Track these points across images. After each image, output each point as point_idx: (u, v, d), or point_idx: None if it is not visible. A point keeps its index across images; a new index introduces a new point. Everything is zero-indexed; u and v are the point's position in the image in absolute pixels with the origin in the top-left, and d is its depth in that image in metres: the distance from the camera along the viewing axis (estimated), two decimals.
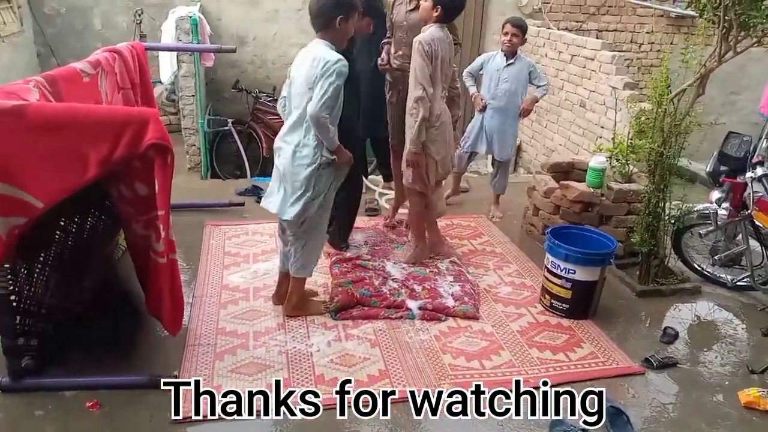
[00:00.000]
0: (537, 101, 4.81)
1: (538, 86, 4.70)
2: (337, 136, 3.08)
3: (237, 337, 3.21)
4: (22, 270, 2.79)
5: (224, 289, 3.69)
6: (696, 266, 4.10)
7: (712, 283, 4.02)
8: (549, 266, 3.55)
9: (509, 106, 4.69)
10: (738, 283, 3.70)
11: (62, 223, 3.13)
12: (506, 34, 4.56)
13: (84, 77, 3.22)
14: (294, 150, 3.10)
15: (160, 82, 6.59)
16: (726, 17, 3.44)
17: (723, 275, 3.94)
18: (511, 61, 4.63)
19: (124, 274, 3.69)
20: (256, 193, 5.22)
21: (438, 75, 3.62)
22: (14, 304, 2.71)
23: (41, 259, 2.96)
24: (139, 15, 6.00)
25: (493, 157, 5.00)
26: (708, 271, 4.06)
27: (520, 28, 4.53)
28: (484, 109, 4.71)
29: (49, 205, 2.46)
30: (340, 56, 2.97)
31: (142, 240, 2.88)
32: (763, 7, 3.29)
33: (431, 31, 3.60)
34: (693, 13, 4.16)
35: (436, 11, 3.58)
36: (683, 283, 3.94)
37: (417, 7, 3.99)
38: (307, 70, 2.99)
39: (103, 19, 7.08)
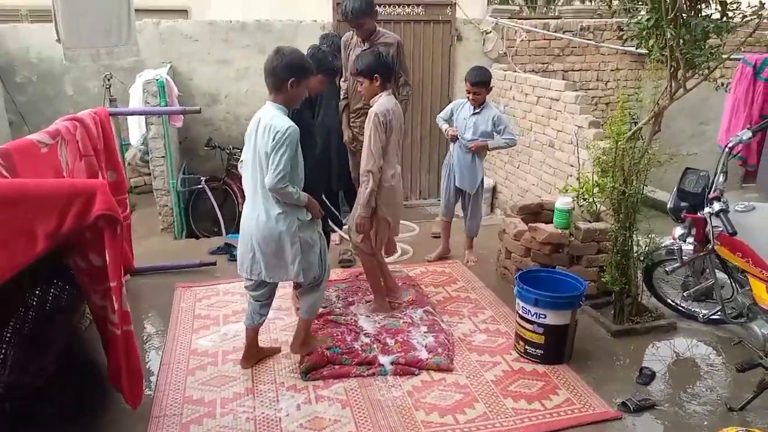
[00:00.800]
0: (487, 148, 4.82)
1: (503, 138, 4.75)
2: (300, 193, 3.11)
3: (204, 405, 3.12)
4: None
5: (192, 354, 3.61)
6: (670, 302, 4.09)
7: (687, 318, 4.00)
8: (520, 311, 3.52)
9: (474, 156, 4.75)
10: (712, 317, 3.68)
11: (21, 297, 3.07)
12: (468, 92, 4.66)
13: (42, 148, 3.21)
14: (265, 219, 3.12)
15: (130, 144, 6.60)
16: (673, 57, 3.52)
17: (697, 309, 3.91)
18: (478, 110, 4.70)
19: (90, 345, 3.61)
20: (229, 251, 5.18)
21: (393, 145, 3.73)
22: None
23: None
24: (108, 80, 6.04)
25: (463, 199, 4.99)
26: (682, 306, 4.04)
27: (480, 85, 4.60)
28: (454, 139, 4.77)
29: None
30: (290, 123, 2.99)
31: (100, 310, 2.83)
32: (705, 46, 3.38)
33: (383, 101, 3.67)
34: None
35: (377, 80, 3.65)
36: (658, 320, 3.91)
37: (371, 47, 4.10)
38: (259, 140, 3.05)
39: (75, 85, 7.14)
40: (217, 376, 3.37)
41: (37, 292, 3.26)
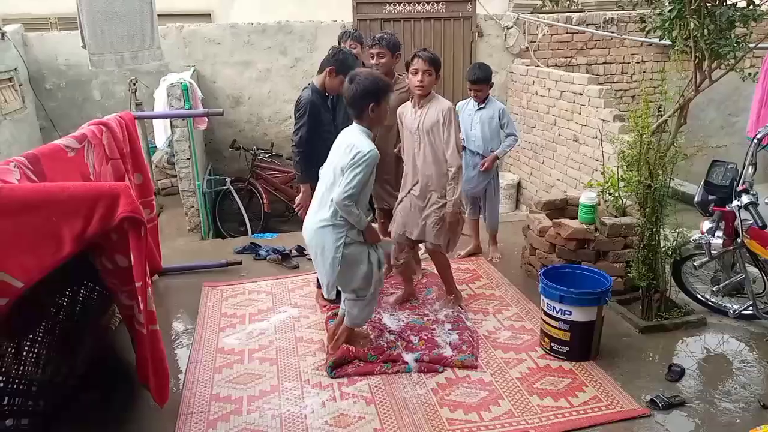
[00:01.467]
0: (497, 158, 4.81)
1: (507, 135, 4.73)
2: (362, 216, 3.17)
3: (230, 403, 3.15)
4: (10, 349, 2.80)
5: (219, 352, 3.66)
6: (699, 297, 4.01)
7: (718, 314, 3.92)
8: (545, 308, 3.49)
9: (484, 149, 4.73)
10: (743, 313, 3.59)
11: (52, 299, 3.15)
12: (470, 90, 4.67)
13: (69, 152, 3.29)
14: (315, 226, 3.22)
15: (157, 147, 6.71)
16: (697, 47, 3.45)
17: (728, 304, 3.83)
18: (482, 105, 4.69)
19: (120, 344, 3.68)
20: (254, 250, 5.24)
21: None
22: (1, 384, 2.70)
23: (31, 336, 2.97)
24: (134, 84, 6.16)
25: (481, 198, 4.97)
26: (712, 302, 3.96)
27: (478, 82, 4.60)
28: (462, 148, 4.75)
29: (29, 283, 2.46)
30: (372, 147, 3.07)
31: (127, 310, 2.88)
32: (731, 35, 3.30)
33: (441, 98, 3.75)
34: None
35: (438, 77, 3.71)
36: (687, 315, 3.84)
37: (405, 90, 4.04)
38: (341, 156, 3.12)
39: (102, 90, 7.29)
40: (243, 374, 3.41)
41: (67, 293, 3.34)
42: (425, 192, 3.79)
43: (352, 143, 3.10)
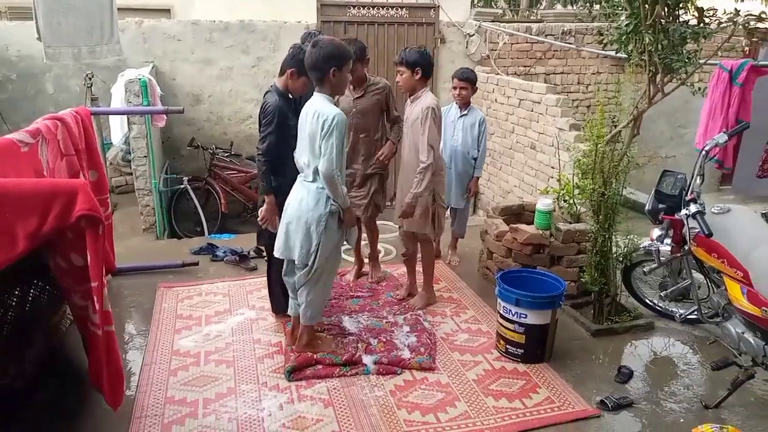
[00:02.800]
0: (478, 179, 5.01)
1: (480, 158, 4.86)
2: (345, 194, 3.20)
3: (186, 406, 3.11)
4: None
5: (175, 354, 3.60)
6: (648, 302, 4.16)
7: (665, 318, 4.07)
8: (501, 311, 3.56)
9: (464, 155, 4.80)
10: (688, 317, 3.75)
11: (0, 298, 3.05)
12: (455, 88, 4.70)
13: (22, 147, 3.18)
14: (302, 198, 3.23)
15: (112, 143, 6.55)
16: (651, 61, 3.59)
17: (674, 309, 3.99)
18: (465, 112, 4.77)
19: (71, 345, 3.59)
20: (212, 251, 5.17)
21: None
22: None
23: None
24: (90, 79, 5.98)
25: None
26: (660, 306, 4.11)
27: (468, 80, 4.67)
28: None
29: None
30: (337, 111, 3.09)
31: (81, 311, 2.81)
32: (683, 51, 3.45)
33: (430, 97, 3.84)
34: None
35: (417, 73, 3.80)
36: (636, 319, 3.98)
37: (363, 95, 4.12)
38: (311, 125, 3.14)
39: (56, 84, 7.07)
40: (199, 377, 3.37)
41: (16, 292, 3.24)
42: (411, 183, 3.91)
43: (317, 111, 3.11)
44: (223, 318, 4.03)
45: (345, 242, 3.46)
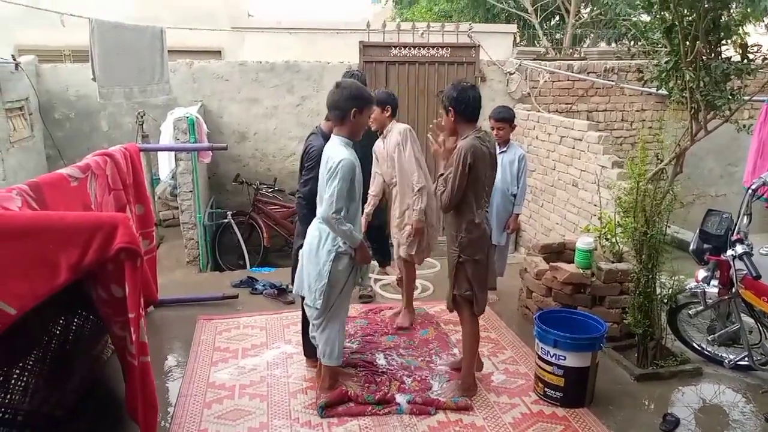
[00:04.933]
0: (518, 216, 4.96)
1: (520, 196, 4.84)
2: (354, 233, 3.17)
3: None
4: None
5: (210, 387, 3.63)
6: (695, 345, 3.98)
7: (713, 363, 3.89)
8: (539, 352, 3.47)
9: (504, 192, 4.77)
10: (738, 363, 3.57)
11: (45, 327, 3.14)
12: (492, 128, 4.70)
13: (72, 182, 3.34)
14: (312, 239, 3.25)
15: (160, 179, 6.78)
16: (693, 98, 3.52)
17: (723, 354, 3.81)
18: (504, 149, 4.75)
19: (111, 375, 3.65)
20: (251, 284, 5.24)
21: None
22: None
23: (20, 364, 2.95)
24: (141, 117, 6.26)
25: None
26: (708, 351, 3.93)
27: (503, 120, 4.68)
28: None
29: (21, 311, 2.47)
30: (344, 155, 3.07)
31: (120, 341, 2.87)
32: (726, 88, 3.37)
33: (397, 125, 4.10)
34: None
35: (387, 111, 4.09)
36: (683, 364, 3.81)
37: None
38: (323, 168, 3.17)
39: (110, 121, 7.40)
40: (233, 410, 3.38)
41: (60, 321, 3.34)
42: (402, 208, 4.28)
43: (328, 155, 3.16)
44: (260, 351, 4.06)
45: (360, 281, 3.44)
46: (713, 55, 3.61)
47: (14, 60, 6.53)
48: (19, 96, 6.54)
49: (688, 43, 3.53)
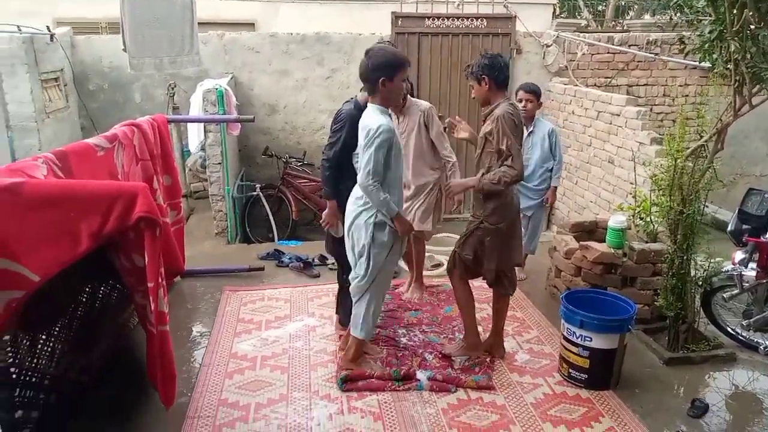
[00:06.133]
0: (556, 189, 4.81)
1: (557, 170, 4.71)
2: (392, 203, 3.09)
3: (238, 409, 3.14)
4: (25, 341, 2.84)
5: (232, 357, 3.66)
6: (729, 330, 3.84)
7: (748, 349, 3.74)
8: (565, 333, 3.38)
9: (536, 171, 4.66)
10: None
11: (72, 295, 3.19)
12: (520, 101, 4.56)
13: (99, 151, 3.36)
14: (351, 209, 3.21)
15: (190, 151, 6.82)
16: (737, 71, 3.32)
17: (759, 340, 3.65)
18: (531, 129, 4.62)
19: (137, 342, 3.71)
20: (278, 257, 5.26)
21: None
22: (13, 376, 2.74)
23: (47, 330, 3.01)
24: (172, 88, 6.28)
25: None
26: (743, 336, 3.78)
27: (533, 93, 4.54)
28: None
29: (45, 278, 2.50)
30: (382, 122, 3.01)
31: (142, 309, 2.91)
32: None
33: (417, 102, 3.92)
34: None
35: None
36: (716, 349, 3.67)
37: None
38: (361, 138, 3.10)
39: (143, 93, 7.46)
40: (253, 381, 3.40)
41: (87, 289, 3.39)
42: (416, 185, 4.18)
43: (365, 124, 3.08)
44: (283, 323, 4.07)
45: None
46: (762, 24, 3.38)
47: (49, 31, 6.60)
48: (54, 67, 6.63)
49: (735, 11, 3.32)
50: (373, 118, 3.05)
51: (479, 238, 3.39)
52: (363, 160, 3.02)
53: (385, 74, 3.05)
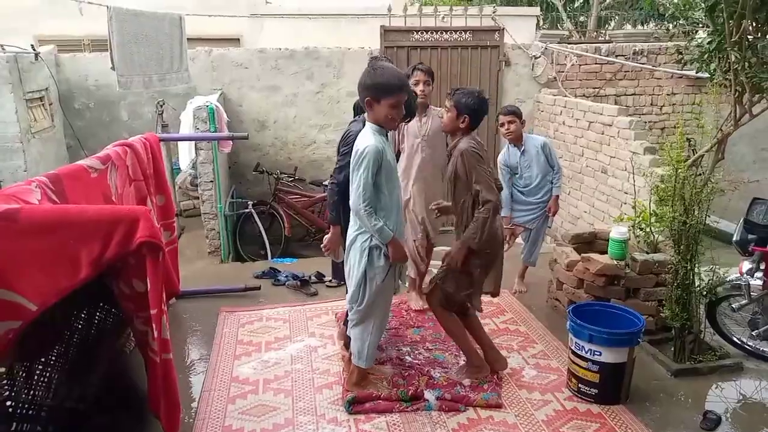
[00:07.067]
0: (558, 198, 4.78)
1: (555, 171, 4.67)
2: (385, 229, 2.98)
3: None
4: (21, 372, 2.73)
5: (234, 381, 3.56)
6: (735, 340, 3.82)
7: (756, 358, 3.72)
8: (573, 348, 3.33)
9: (539, 186, 4.65)
10: None
11: (67, 321, 3.09)
12: (502, 124, 4.54)
13: (92, 173, 3.27)
14: (351, 232, 3.14)
15: (180, 169, 6.72)
16: (737, 81, 3.33)
17: (766, 349, 3.64)
18: (523, 147, 4.61)
19: (134, 368, 3.60)
20: (274, 276, 5.17)
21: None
22: (9, 410, 2.62)
23: (43, 359, 2.90)
24: (161, 106, 6.19)
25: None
26: (749, 345, 3.76)
27: (513, 114, 4.52)
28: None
29: (43, 306, 2.41)
30: (369, 143, 2.90)
31: (142, 336, 2.80)
32: None
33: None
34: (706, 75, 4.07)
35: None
36: (723, 359, 3.65)
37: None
38: (352, 159, 3.01)
39: (130, 111, 7.36)
40: (257, 405, 3.30)
41: (83, 315, 3.28)
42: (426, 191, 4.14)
43: (356, 144, 2.99)
44: (283, 345, 3.98)
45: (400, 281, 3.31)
46: (760, 34, 3.40)
47: (34, 50, 6.49)
48: (39, 86, 6.52)
49: (732, 21, 3.34)
50: (362, 138, 2.97)
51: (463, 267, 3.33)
52: (353, 181, 2.94)
53: (371, 95, 2.95)
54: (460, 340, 3.53)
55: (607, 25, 14.41)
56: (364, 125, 3.31)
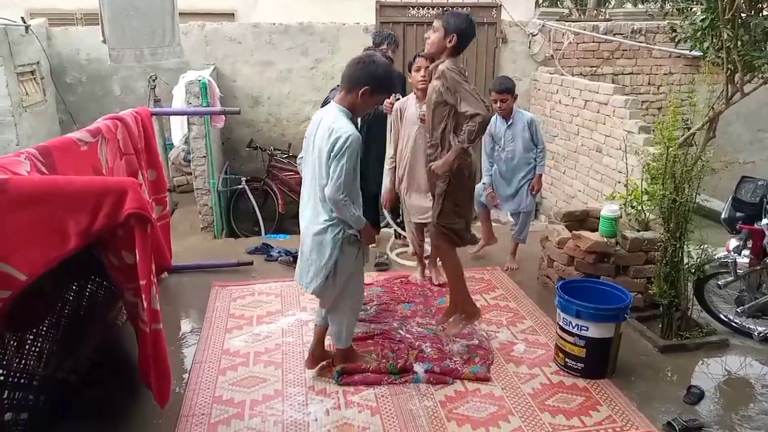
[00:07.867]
0: (541, 176, 4.76)
1: (539, 149, 4.66)
2: (361, 216, 2.96)
3: (233, 406, 3.08)
4: (12, 342, 2.75)
5: (224, 353, 3.59)
6: (722, 317, 3.86)
7: (741, 335, 3.76)
8: (561, 323, 3.37)
9: (520, 162, 4.65)
10: (767, 335, 3.45)
11: (58, 293, 3.10)
12: (494, 101, 4.51)
13: (82, 146, 3.26)
14: (313, 226, 2.99)
15: (173, 144, 6.70)
16: (729, 59, 3.32)
17: (752, 326, 3.68)
18: (510, 122, 4.59)
19: (126, 340, 3.63)
20: (266, 251, 5.18)
21: None
22: (1, 378, 2.65)
23: (34, 330, 2.92)
24: (153, 80, 6.15)
25: None
26: (735, 322, 3.80)
27: (506, 92, 4.49)
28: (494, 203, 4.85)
29: (32, 277, 2.41)
30: (351, 130, 2.82)
31: (132, 307, 2.83)
32: (766, 48, 3.17)
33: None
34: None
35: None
36: (709, 335, 3.70)
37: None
38: (321, 141, 2.89)
39: (122, 85, 7.30)
40: (247, 377, 3.34)
41: (74, 287, 3.30)
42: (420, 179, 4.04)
43: (331, 127, 2.83)
44: (275, 318, 4.01)
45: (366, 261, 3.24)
46: (753, 12, 3.38)
47: (24, 23, 6.41)
48: (30, 60, 6.46)
49: None
50: (341, 123, 2.85)
51: (452, 198, 3.40)
52: (333, 171, 2.81)
53: (373, 86, 2.91)
54: (459, 282, 3.60)
55: (607, 4, 14.29)
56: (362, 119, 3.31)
